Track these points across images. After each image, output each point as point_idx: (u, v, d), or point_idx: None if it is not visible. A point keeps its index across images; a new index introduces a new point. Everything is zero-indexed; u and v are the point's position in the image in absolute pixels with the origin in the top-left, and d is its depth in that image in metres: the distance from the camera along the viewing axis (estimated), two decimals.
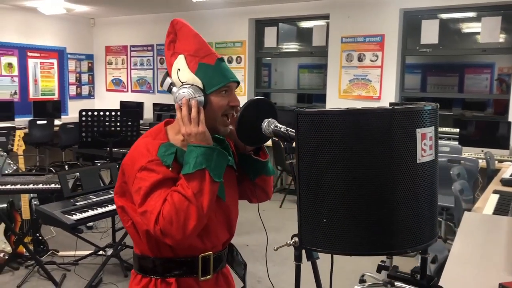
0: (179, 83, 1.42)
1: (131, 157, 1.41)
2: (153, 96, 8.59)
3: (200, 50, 1.43)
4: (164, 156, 1.37)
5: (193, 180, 1.32)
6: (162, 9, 7.85)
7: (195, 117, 1.36)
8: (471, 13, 6.07)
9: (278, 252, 1.42)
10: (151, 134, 1.46)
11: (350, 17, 6.49)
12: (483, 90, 7.01)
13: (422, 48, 6.26)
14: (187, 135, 1.36)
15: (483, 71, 7.08)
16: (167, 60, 1.47)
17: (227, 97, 1.42)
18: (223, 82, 1.41)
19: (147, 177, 1.34)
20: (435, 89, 7.27)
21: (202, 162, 1.33)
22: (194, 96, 1.37)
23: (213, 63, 1.42)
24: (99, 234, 4.81)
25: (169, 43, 1.48)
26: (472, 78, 7.21)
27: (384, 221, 1.02)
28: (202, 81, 1.39)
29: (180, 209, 1.29)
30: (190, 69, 1.40)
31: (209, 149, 1.35)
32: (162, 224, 1.28)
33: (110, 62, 9.09)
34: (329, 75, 6.76)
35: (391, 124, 1.01)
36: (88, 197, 3.35)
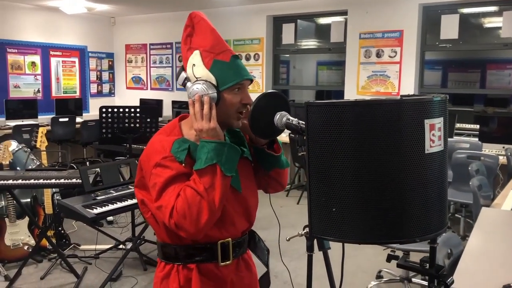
0: (193, 78, 1.44)
1: (147, 154, 1.46)
2: (172, 93, 8.68)
3: (216, 46, 1.45)
4: (177, 152, 1.41)
5: (205, 175, 1.35)
6: (181, 7, 7.92)
7: (207, 113, 1.39)
8: (492, 7, 5.97)
9: (295, 248, 1.45)
10: (165, 131, 1.50)
11: (369, 12, 6.45)
12: (505, 86, 6.90)
13: (442, 44, 6.18)
14: (199, 131, 1.40)
15: (506, 66, 6.97)
16: (183, 54, 1.51)
17: (239, 94, 1.45)
18: (237, 79, 1.43)
19: (162, 173, 1.39)
20: (456, 85, 7.19)
21: (213, 157, 1.36)
22: (207, 92, 1.40)
23: (228, 60, 1.44)
24: (119, 229, 4.90)
25: (186, 37, 1.51)
26: (494, 74, 7.10)
27: (392, 211, 1.04)
28: (216, 78, 1.42)
29: (192, 203, 1.33)
30: (204, 65, 1.43)
31: (219, 144, 1.38)
32: (176, 218, 1.33)
33: (130, 60, 9.21)
34: (347, 71, 6.74)
35: (400, 115, 1.02)
36: (108, 192, 3.42)
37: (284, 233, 1.66)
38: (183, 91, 8.49)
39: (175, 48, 8.52)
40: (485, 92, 6.97)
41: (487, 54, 6.88)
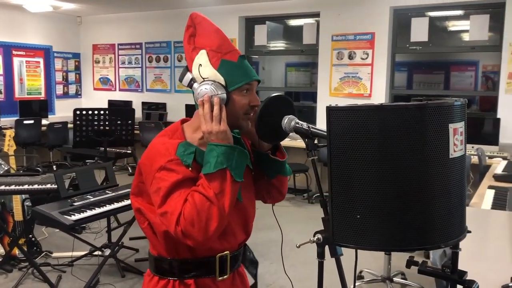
0: (200, 79, 1.39)
1: (149, 157, 1.38)
2: (142, 94, 8.51)
3: (223, 46, 1.40)
4: (183, 155, 1.34)
5: (214, 180, 1.29)
6: (152, 7, 7.78)
7: (217, 114, 1.33)
8: (459, 11, 6.15)
9: (278, 252, 1.42)
10: (167, 133, 1.43)
11: (341, 15, 6.51)
12: (468, 87, 7.13)
13: (412, 46, 6.32)
14: (208, 133, 1.33)
15: (467, 68, 7.20)
16: (187, 54, 1.44)
17: (248, 96, 1.40)
18: (246, 80, 1.38)
19: (167, 177, 1.31)
20: (421, 86, 7.37)
21: (223, 161, 1.30)
22: (217, 93, 1.35)
23: (236, 60, 1.39)
24: (92, 234, 4.75)
25: (189, 37, 1.44)
26: (457, 75, 7.32)
27: (417, 217, 1.02)
28: (224, 78, 1.37)
29: (201, 209, 1.26)
30: (212, 65, 1.37)
31: (230, 148, 1.33)
32: (183, 225, 1.26)
33: (97, 60, 8.98)
34: (320, 73, 6.78)
35: (425, 119, 1.01)
36: (85, 197, 3.31)
37: (262, 236, 1.62)
38: (153, 92, 8.35)
39: (145, 49, 8.36)
40: (448, 93, 7.17)
41: (451, 57, 7.08)
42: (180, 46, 7.83)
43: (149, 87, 8.42)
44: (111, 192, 3.48)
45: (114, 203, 3.31)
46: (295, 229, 4.13)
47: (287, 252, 4.12)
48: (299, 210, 5.89)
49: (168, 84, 8.19)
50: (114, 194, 3.44)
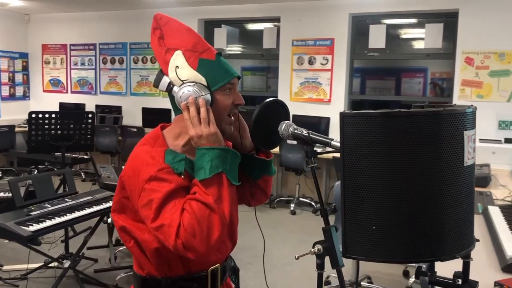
0: (179, 81, 1.31)
1: (133, 168, 1.28)
2: (95, 97, 8.20)
3: (198, 44, 1.33)
4: (174, 163, 1.26)
5: (212, 186, 1.22)
6: (106, 7, 7.52)
7: (205, 117, 1.26)
8: (415, 19, 6.35)
9: (245, 258, 1.37)
10: (148, 142, 1.34)
11: (301, 20, 6.55)
12: (416, 93, 7.39)
13: (370, 53, 6.45)
14: (198, 137, 1.26)
15: (416, 75, 7.47)
16: (160, 57, 1.35)
17: (231, 95, 1.34)
18: (228, 78, 1.32)
19: (159, 187, 1.22)
20: (374, 92, 7.57)
21: (218, 165, 1.23)
22: (201, 94, 1.28)
23: (214, 58, 1.32)
24: (46, 245, 4.48)
25: (158, 39, 1.36)
26: (407, 82, 7.57)
27: (434, 227, 0.99)
28: (205, 78, 1.30)
29: (202, 218, 1.18)
30: (190, 66, 1.30)
31: (223, 150, 1.26)
32: (184, 237, 1.17)
33: (47, 61, 8.57)
34: (280, 77, 6.79)
35: (440, 127, 0.98)
36: (43, 206, 3.11)
37: None
38: (106, 95, 8.07)
39: (99, 50, 8.06)
40: (399, 99, 7.39)
41: (402, 63, 7.31)
42: (137, 48, 7.61)
43: (103, 89, 8.13)
44: (71, 200, 3.29)
45: (75, 212, 3.13)
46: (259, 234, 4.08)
47: (252, 258, 4.06)
48: (261, 215, 5.85)
49: (124, 86, 7.94)
50: (75, 202, 3.26)
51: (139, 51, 7.64)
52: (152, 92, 7.70)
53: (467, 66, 5.67)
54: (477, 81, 5.64)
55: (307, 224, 5.57)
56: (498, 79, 5.54)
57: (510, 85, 5.49)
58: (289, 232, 5.23)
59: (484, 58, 5.57)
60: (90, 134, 4.03)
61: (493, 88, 5.58)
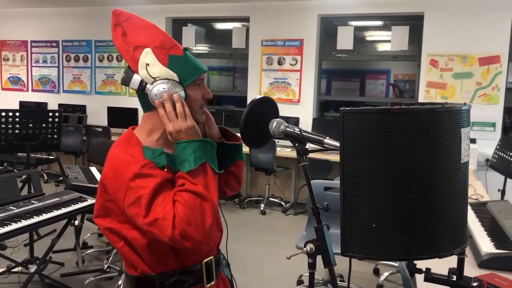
0: (150, 79, 1.31)
1: (114, 169, 1.28)
2: (58, 96, 7.94)
3: (165, 41, 1.33)
4: (155, 157, 1.27)
5: (198, 176, 1.24)
6: (71, 3, 7.29)
7: (182, 111, 1.28)
8: (382, 21, 6.47)
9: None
10: (122, 143, 1.34)
11: (270, 21, 6.56)
12: (379, 94, 7.57)
13: (338, 54, 6.52)
14: (176, 132, 1.27)
15: (379, 76, 7.65)
16: (127, 55, 1.34)
17: (200, 89, 1.36)
18: (198, 73, 1.34)
19: (145, 184, 1.22)
20: (339, 93, 7.69)
21: (201, 156, 1.26)
22: (176, 90, 1.30)
23: (182, 54, 1.33)
24: (9, 249, 4.29)
25: (121, 36, 1.35)
26: (371, 83, 7.75)
27: (431, 224, 1.00)
28: (177, 74, 1.31)
29: (194, 207, 1.20)
30: (161, 63, 1.31)
31: (203, 142, 1.29)
32: (180, 227, 1.18)
33: (6, 58, 8.23)
34: (250, 77, 6.77)
35: (437, 123, 0.99)
36: (8, 209, 2.96)
37: None
38: (70, 93, 7.83)
39: (62, 47, 7.81)
40: (363, 99, 7.54)
41: (366, 65, 7.46)
42: (102, 45, 7.42)
43: (67, 88, 7.88)
44: (38, 202, 3.15)
45: (42, 214, 3.00)
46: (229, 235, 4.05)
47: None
48: (231, 216, 5.81)
49: (88, 85, 7.72)
50: (41, 204, 3.12)
51: (104, 49, 7.45)
52: (118, 91, 7.53)
53: (432, 68, 5.83)
54: (442, 82, 5.80)
55: (277, 224, 5.58)
56: (461, 81, 5.72)
57: (472, 86, 5.68)
58: (259, 232, 5.22)
59: (448, 60, 5.74)
60: (57, 134, 3.88)
61: (456, 90, 5.75)
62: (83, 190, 3.50)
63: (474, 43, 5.61)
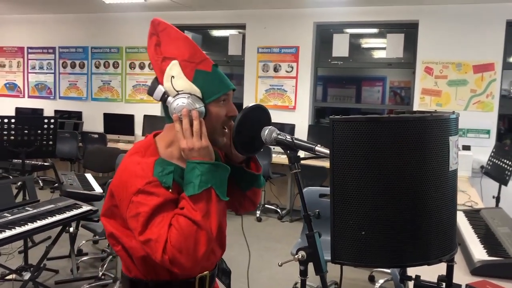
0: (173, 91, 1.29)
1: (122, 179, 1.26)
2: (55, 102, 7.93)
3: (195, 55, 1.33)
4: (162, 176, 1.24)
5: (200, 202, 1.21)
6: (68, 9, 7.31)
7: (198, 130, 1.25)
8: (377, 29, 6.52)
9: None
10: (139, 151, 1.31)
11: (266, 28, 6.59)
12: (376, 101, 7.60)
13: (334, 61, 6.56)
14: (189, 150, 1.25)
15: (376, 83, 7.68)
16: (156, 65, 1.34)
17: (225, 107, 1.34)
18: (223, 90, 1.32)
19: (146, 201, 1.20)
20: (335, 100, 7.72)
21: (207, 180, 1.23)
22: (195, 106, 1.27)
23: (210, 70, 1.32)
24: (3, 257, 4.28)
25: (154, 46, 1.34)
26: (368, 90, 7.78)
27: (420, 231, 1.01)
28: (200, 90, 1.29)
29: (189, 235, 1.17)
30: (186, 76, 1.29)
31: (213, 165, 1.25)
32: (170, 253, 1.16)
33: (2, 64, 8.23)
34: (246, 84, 6.79)
35: (426, 132, 1.00)
36: (2, 215, 2.95)
37: None
38: (66, 100, 7.83)
39: (58, 53, 7.82)
40: (360, 106, 7.57)
41: (363, 72, 7.50)
42: (98, 52, 7.43)
43: (63, 94, 7.88)
44: (32, 209, 3.15)
45: (36, 221, 3.00)
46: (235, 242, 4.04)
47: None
48: (227, 223, 5.80)
49: (84, 91, 7.73)
50: (36, 211, 3.12)
51: (100, 56, 7.46)
52: (114, 97, 7.54)
53: (426, 75, 5.86)
54: (436, 90, 5.84)
55: (273, 231, 5.58)
56: (456, 88, 5.76)
57: (466, 94, 5.72)
58: (255, 239, 5.22)
59: (442, 68, 5.78)
60: (52, 140, 3.89)
61: (451, 97, 5.79)
62: (78, 197, 3.50)
63: (468, 51, 5.65)
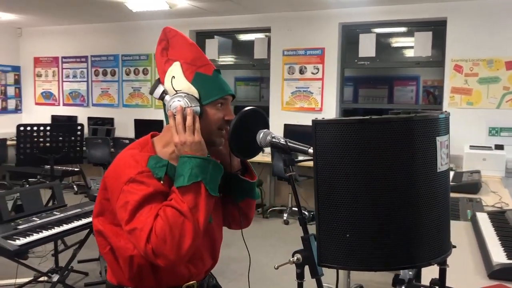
0: (172, 91, 1.33)
1: (115, 169, 1.30)
2: (88, 109, 8.18)
3: (198, 59, 1.36)
4: (155, 167, 1.26)
5: (188, 194, 1.22)
6: (98, 19, 7.53)
7: (191, 125, 1.27)
8: (404, 28, 6.40)
9: (237, 270, 1.36)
10: (136, 147, 1.35)
11: (291, 30, 6.59)
12: (409, 101, 7.43)
13: (360, 61, 6.48)
14: (181, 144, 1.26)
15: (409, 83, 7.51)
16: (159, 67, 1.39)
17: (222, 110, 1.36)
18: (221, 94, 1.35)
19: (136, 190, 1.22)
20: (367, 100, 7.60)
21: (197, 174, 1.23)
22: (190, 105, 1.30)
23: (211, 74, 1.35)
24: (36, 259, 4.44)
25: (161, 50, 1.39)
26: (400, 90, 7.61)
27: (407, 234, 0.99)
28: (198, 91, 1.32)
29: (174, 225, 1.18)
30: (186, 78, 1.32)
31: (204, 160, 1.26)
32: (154, 243, 1.16)
33: (39, 74, 8.56)
34: (271, 87, 6.81)
35: (413, 133, 0.98)
36: (31, 219, 3.08)
37: None
38: (99, 107, 8.06)
39: (91, 62, 8.07)
40: (392, 106, 7.44)
41: (394, 72, 7.36)
42: (129, 59, 7.62)
43: (96, 101, 8.12)
44: (60, 213, 3.26)
45: (63, 225, 3.11)
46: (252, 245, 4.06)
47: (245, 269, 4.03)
48: (254, 226, 5.82)
49: (116, 98, 7.93)
50: (63, 215, 3.23)
51: (131, 63, 7.65)
52: (144, 103, 7.70)
53: (456, 73, 5.71)
54: (467, 88, 5.67)
55: (300, 234, 5.54)
56: (488, 86, 5.58)
57: (499, 91, 5.53)
58: (282, 242, 5.21)
59: (473, 65, 5.61)
60: (79, 147, 4.02)
61: (482, 95, 5.61)
62: None
63: (500, 47, 5.46)
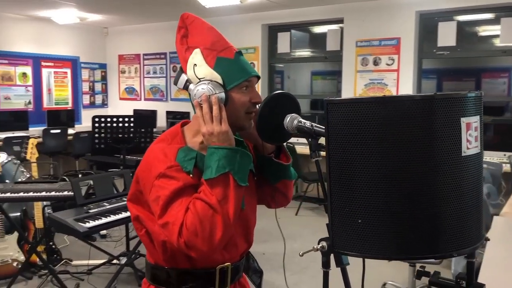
0: (196, 79, 1.32)
1: (146, 164, 1.32)
2: (166, 104, 8.55)
3: (217, 43, 1.33)
4: (184, 161, 1.27)
5: (217, 186, 1.21)
6: (175, 17, 7.79)
7: (217, 114, 1.25)
8: (489, 14, 5.93)
9: (297, 261, 1.33)
10: (166, 138, 1.35)
11: (365, 20, 6.38)
12: (500, 94, 6.85)
13: (439, 51, 6.12)
14: (209, 135, 1.25)
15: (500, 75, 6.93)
16: (180, 56, 1.38)
17: (248, 93, 1.32)
18: (244, 76, 1.31)
19: (167, 185, 1.24)
20: None
21: (225, 165, 1.22)
22: (214, 92, 1.28)
23: (232, 57, 1.32)
24: (113, 243, 4.73)
25: (181, 38, 1.39)
26: (489, 82, 7.06)
27: (426, 221, 0.91)
28: (221, 76, 1.29)
29: (204, 218, 1.18)
30: (207, 64, 1.30)
31: (232, 150, 1.24)
32: (186, 236, 1.18)
33: (123, 70, 9.09)
34: (344, 79, 6.65)
35: (432, 112, 0.91)
36: (101, 205, 3.28)
37: (285, 246, 1.54)
38: (177, 101, 8.39)
39: (169, 58, 8.42)
40: None
41: (482, 63, 6.84)
42: None
43: (174, 96, 8.46)
44: None
45: None
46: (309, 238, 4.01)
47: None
48: (320, 219, 5.74)
49: None
50: None
51: None
52: None
53: None
54: None
55: None
56: None
57: None
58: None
59: None
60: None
61: None
62: None
63: None
